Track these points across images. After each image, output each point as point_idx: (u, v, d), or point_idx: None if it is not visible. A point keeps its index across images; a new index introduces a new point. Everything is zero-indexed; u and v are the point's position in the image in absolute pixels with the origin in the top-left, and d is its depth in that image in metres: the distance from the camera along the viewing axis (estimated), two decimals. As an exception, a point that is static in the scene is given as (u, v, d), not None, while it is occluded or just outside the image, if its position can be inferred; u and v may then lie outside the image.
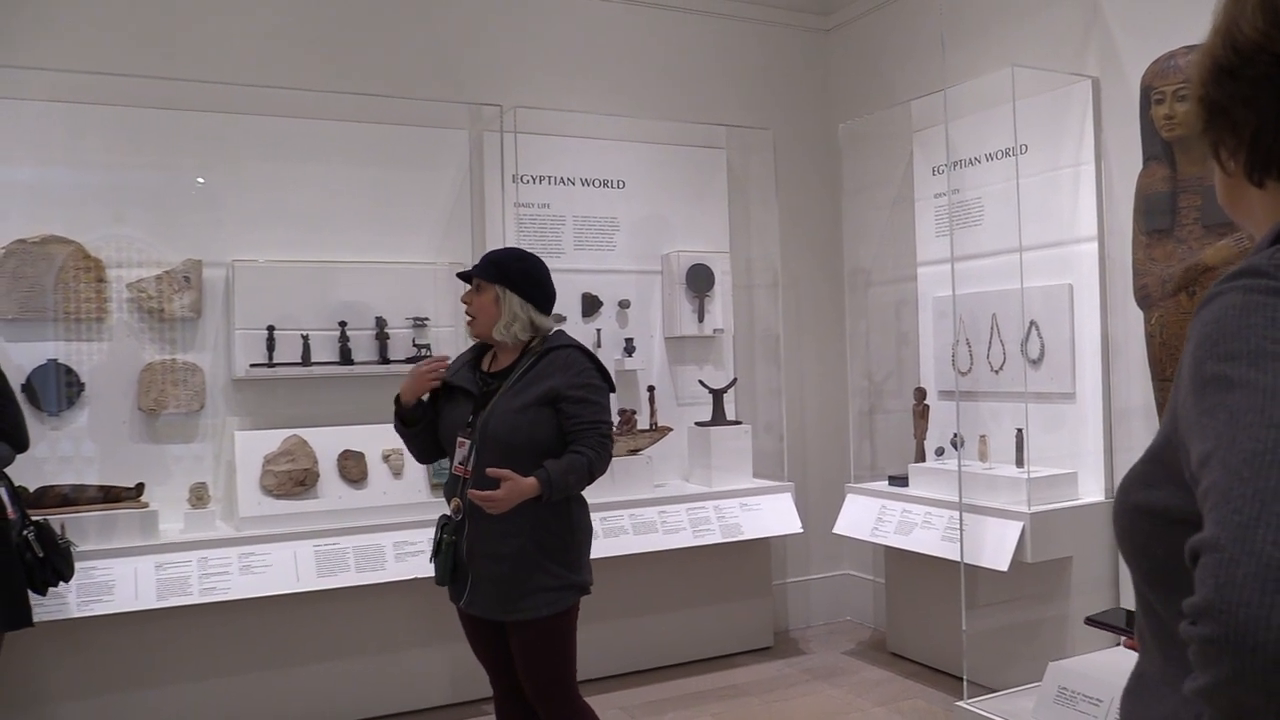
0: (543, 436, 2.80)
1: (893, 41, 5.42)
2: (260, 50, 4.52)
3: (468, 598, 2.85)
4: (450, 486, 2.92)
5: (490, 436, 2.79)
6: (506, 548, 2.76)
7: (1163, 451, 0.94)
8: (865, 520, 4.86)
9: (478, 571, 2.81)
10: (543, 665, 2.83)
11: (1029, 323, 4.42)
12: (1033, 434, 4.31)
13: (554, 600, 2.79)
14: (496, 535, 2.76)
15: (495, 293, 2.89)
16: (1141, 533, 0.96)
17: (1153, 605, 0.99)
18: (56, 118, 4.17)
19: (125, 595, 3.82)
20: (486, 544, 2.79)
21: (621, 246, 5.14)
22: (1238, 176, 0.96)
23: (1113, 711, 3.22)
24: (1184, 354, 0.90)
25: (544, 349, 2.90)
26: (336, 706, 4.30)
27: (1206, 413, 0.82)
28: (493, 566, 2.78)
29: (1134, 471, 0.99)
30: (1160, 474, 0.94)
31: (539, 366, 2.86)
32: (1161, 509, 0.93)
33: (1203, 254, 3.25)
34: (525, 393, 2.82)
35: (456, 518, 2.86)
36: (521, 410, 2.80)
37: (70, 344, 4.15)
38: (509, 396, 2.82)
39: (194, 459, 4.35)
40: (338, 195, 4.62)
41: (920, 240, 5.16)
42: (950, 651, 4.48)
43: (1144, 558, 0.97)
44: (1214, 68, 0.93)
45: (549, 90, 5.05)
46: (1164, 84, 3.32)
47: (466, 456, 2.84)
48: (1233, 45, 0.92)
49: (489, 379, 2.93)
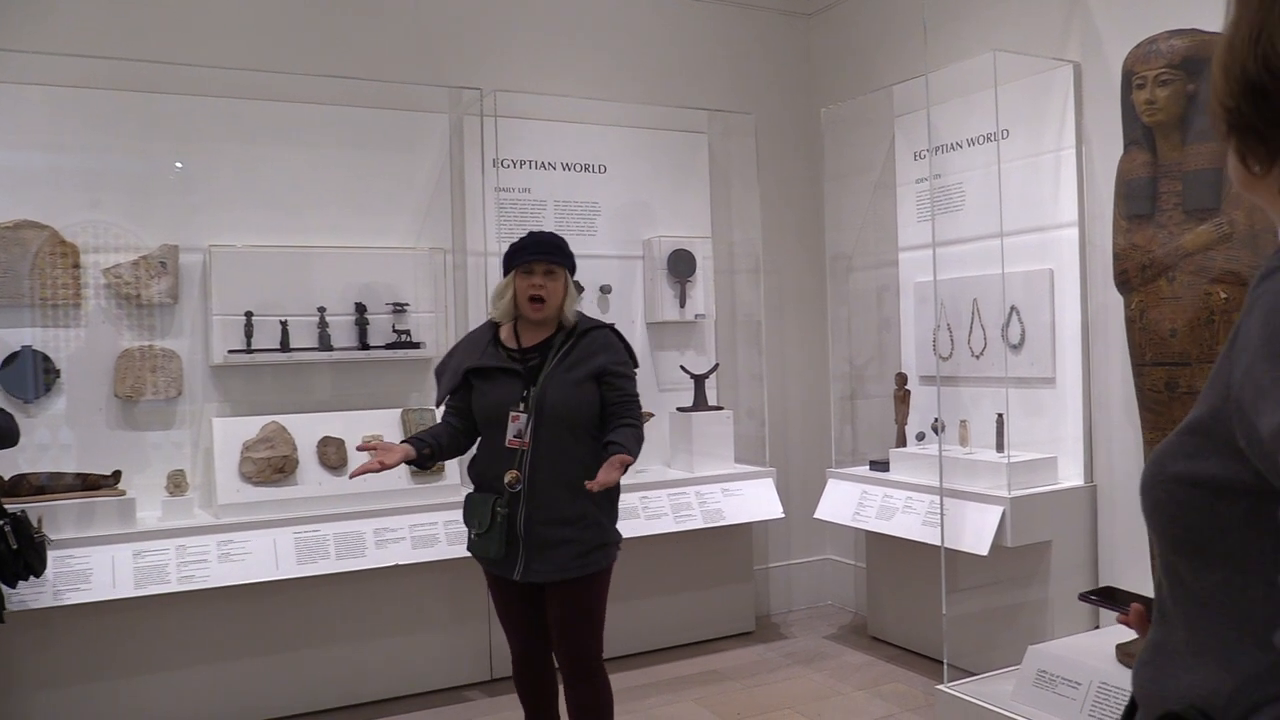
0: (591, 407, 3.06)
1: (874, 26, 5.41)
2: (238, 33, 4.47)
3: (523, 568, 2.99)
4: (499, 461, 3.02)
5: (549, 407, 2.99)
6: (571, 512, 2.98)
7: (1210, 423, 0.92)
8: (846, 505, 4.87)
9: (539, 538, 2.97)
10: (589, 615, 3.06)
11: (1010, 308, 4.43)
12: (1013, 419, 4.32)
13: (609, 554, 3.07)
14: (564, 501, 2.97)
15: (565, 278, 3.11)
16: (1179, 504, 0.96)
17: (1181, 575, 0.99)
18: (31, 101, 4.11)
19: (103, 583, 3.79)
20: (551, 511, 2.97)
21: (603, 231, 5.11)
22: (1264, 176, 0.94)
23: (1091, 694, 3.24)
24: (1246, 323, 0.88)
25: (582, 328, 3.11)
26: (317, 694, 4.29)
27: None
28: (560, 531, 2.97)
29: (1168, 445, 0.98)
30: (1203, 445, 0.93)
31: (582, 344, 3.08)
32: (1206, 478, 0.92)
33: (1183, 239, 3.26)
34: (577, 368, 3.04)
35: (515, 489, 2.97)
36: (577, 384, 3.03)
37: (46, 330, 4.10)
38: (561, 371, 3.04)
39: (172, 446, 4.32)
40: (316, 180, 4.58)
41: (902, 225, 5.16)
42: (931, 635, 4.50)
43: (1178, 527, 0.97)
44: (1244, 81, 0.89)
45: (529, 74, 5.01)
46: (1145, 69, 3.32)
47: (523, 429, 3.00)
48: (1265, 62, 0.87)
49: (524, 355, 3.09)
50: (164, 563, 3.90)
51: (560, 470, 2.97)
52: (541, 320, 3.10)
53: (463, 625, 4.55)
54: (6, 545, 3.32)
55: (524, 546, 2.97)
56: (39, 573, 3.49)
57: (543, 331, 3.11)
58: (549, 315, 3.09)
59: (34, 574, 3.47)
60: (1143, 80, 3.33)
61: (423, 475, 4.49)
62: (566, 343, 3.08)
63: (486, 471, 3.07)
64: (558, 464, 2.97)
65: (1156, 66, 3.30)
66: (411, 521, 4.33)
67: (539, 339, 3.11)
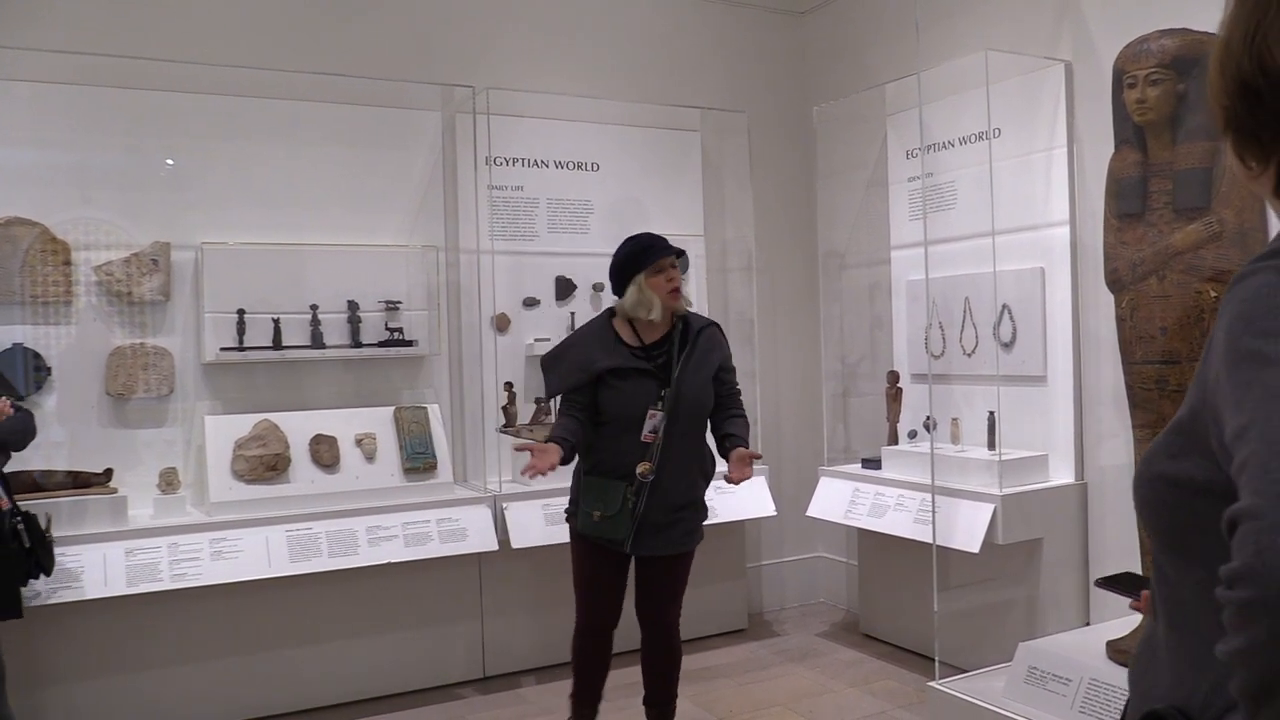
0: (712, 403, 3.43)
1: (867, 25, 5.41)
2: (230, 30, 4.46)
3: (635, 543, 3.32)
4: (631, 452, 3.28)
5: (685, 405, 3.31)
6: (687, 497, 3.37)
7: (1189, 424, 0.95)
8: (838, 503, 4.88)
9: (655, 521, 3.30)
10: (682, 585, 3.49)
11: (1001, 306, 4.44)
12: (1004, 416, 4.33)
13: (703, 532, 3.49)
14: (685, 488, 3.35)
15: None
16: (1162, 502, 0.98)
17: (1166, 573, 1.01)
18: (21, 97, 4.09)
19: (95, 582, 3.78)
20: (671, 497, 3.31)
21: (595, 229, 5.11)
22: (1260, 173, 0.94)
23: (1082, 690, 3.26)
24: (1216, 329, 0.91)
25: (697, 327, 3.42)
26: (310, 692, 4.28)
27: (1241, 387, 0.83)
28: (674, 514, 3.33)
29: (1157, 443, 1.00)
30: (1185, 445, 0.95)
31: (700, 342, 3.39)
32: (1186, 479, 0.95)
33: (1173, 238, 3.27)
34: (703, 367, 3.37)
35: (648, 479, 3.27)
36: (706, 382, 3.38)
37: (37, 328, 4.09)
38: (692, 371, 3.35)
39: (164, 444, 4.31)
40: (309, 177, 4.57)
41: (894, 224, 5.17)
42: (922, 632, 4.51)
43: (1163, 526, 1.00)
44: (1239, 82, 0.90)
45: (522, 71, 5.01)
46: (1136, 68, 3.33)
47: (658, 426, 3.28)
48: (1259, 62, 0.88)
49: (649, 353, 3.38)
50: (156, 561, 3.90)
51: (686, 461, 3.33)
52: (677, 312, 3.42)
53: (455, 623, 4.55)
54: (20, 543, 3.31)
55: (641, 526, 3.30)
56: (49, 571, 3.48)
57: (660, 329, 3.41)
58: (680, 307, 3.42)
59: (45, 572, 3.47)
60: (1134, 79, 3.34)
61: (415, 474, 4.49)
62: (688, 342, 3.38)
63: (615, 461, 3.30)
64: (686, 455, 3.33)
65: (1147, 66, 3.31)
66: (404, 519, 4.32)
67: (657, 336, 3.41)
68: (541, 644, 4.67)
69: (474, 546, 4.39)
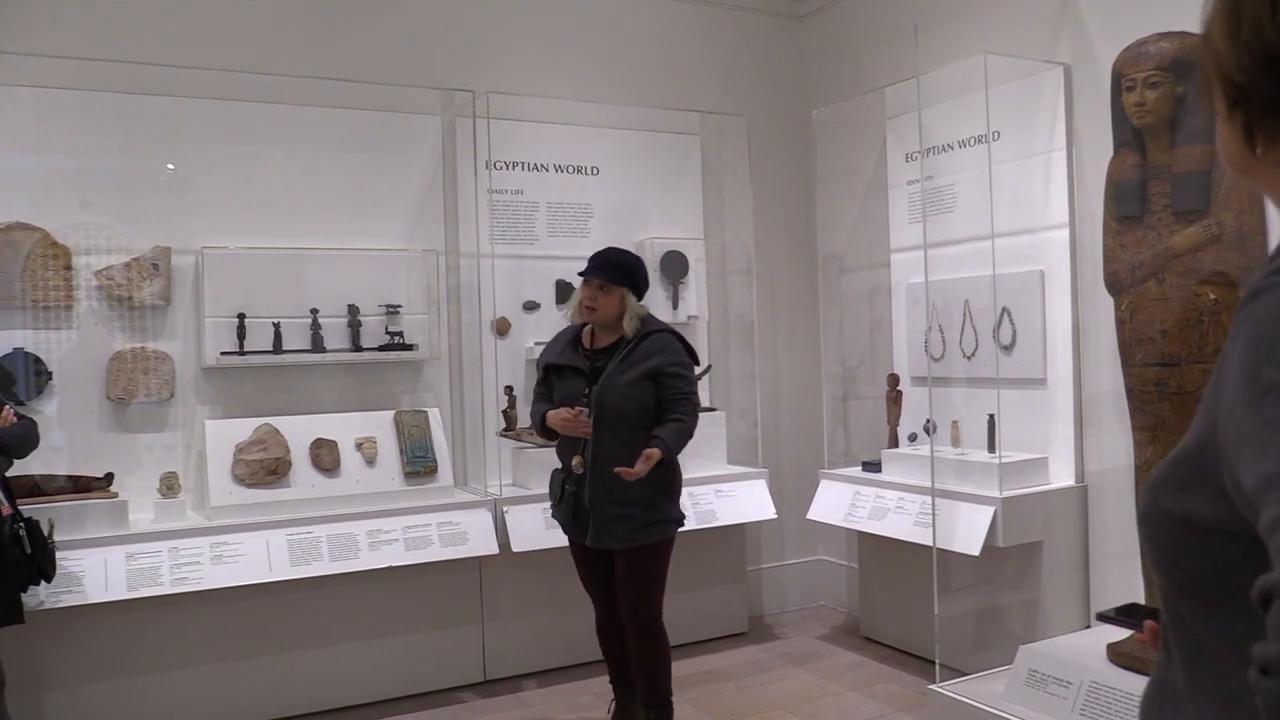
0: (645, 404, 3.51)
1: (866, 28, 5.42)
2: (231, 35, 4.47)
3: (593, 535, 3.54)
4: (570, 446, 3.58)
5: (605, 406, 3.49)
6: (628, 493, 3.46)
7: (1196, 454, 0.85)
8: (839, 506, 4.88)
9: (603, 513, 3.51)
10: (646, 582, 3.59)
11: (1001, 309, 4.44)
12: (1004, 419, 4.33)
13: (664, 530, 3.58)
14: (622, 484, 3.42)
15: (621, 294, 3.53)
16: (1173, 542, 0.88)
17: (1181, 614, 0.90)
18: (22, 102, 4.10)
19: (95, 586, 3.78)
20: (611, 491, 3.46)
21: (595, 233, 5.11)
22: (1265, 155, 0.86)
23: (1083, 693, 3.26)
24: (1230, 352, 0.81)
25: (644, 332, 3.55)
26: (310, 696, 4.28)
27: (1266, 426, 0.73)
28: (619, 509, 3.49)
29: (1163, 473, 0.90)
30: (1193, 478, 0.86)
31: (642, 347, 3.53)
32: (1198, 518, 0.85)
33: (1172, 240, 3.27)
34: (631, 370, 3.50)
35: (579, 472, 3.53)
36: (629, 385, 3.49)
37: (38, 332, 4.09)
38: (617, 373, 3.51)
39: (164, 448, 4.31)
40: (309, 181, 4.58)
41: (893, 227, 5.17)
42: (923, 635, 4.51)
43: (1176, 568, 0.89)
44: (1263, 51, 0.81)
45: (522, 75, 5.01)
46: (1135, 71, 3.33)
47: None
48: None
49: (594, 356, 3.60)
50: (157, 565, 3.90)
51: (617, 458, 3.43)
52: (604, 325, 3.58)
53: (456, 626, 4.55)
54: (21, 549, 3.31)
55: (592, 518, 3.53)
56: (50, 577, 3.49)
57: (612, 335, 3.59)
58: (604, 323, 3.57)
59: (45, 579, 3.47)
60: (1132, 82, 3.35)
61: (416, 478, 4.49)
62: (628, 346, 3.54)
63: (560, 452, 3.66)
64: (615, 452, 3.45)
65: (1146, 69, 3.31)
66: (405, 523, 4.33)
67: (609, 342, 3.60)
68: (542, 647, 4.67)
69: (474, 550, 4.39)
